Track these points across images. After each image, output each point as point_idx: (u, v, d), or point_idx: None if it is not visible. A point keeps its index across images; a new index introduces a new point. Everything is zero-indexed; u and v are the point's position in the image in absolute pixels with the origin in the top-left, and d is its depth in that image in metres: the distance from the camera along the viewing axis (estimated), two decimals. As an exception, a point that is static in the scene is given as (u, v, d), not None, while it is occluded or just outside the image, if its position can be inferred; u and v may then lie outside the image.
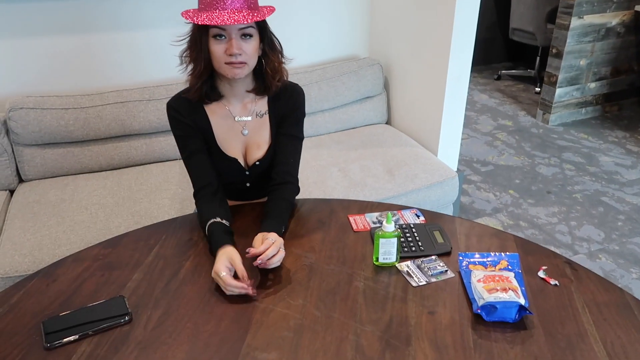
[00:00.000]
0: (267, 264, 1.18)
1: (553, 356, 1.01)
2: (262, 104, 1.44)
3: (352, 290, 1.19)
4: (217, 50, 1.26)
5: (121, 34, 2.33)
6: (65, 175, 2.26)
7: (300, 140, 1.48)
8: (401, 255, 1.28)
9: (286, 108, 1.44)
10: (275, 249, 1.18)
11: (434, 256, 1.29)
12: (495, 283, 1.12)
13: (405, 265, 1.26)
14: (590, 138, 3.86)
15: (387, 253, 1.25)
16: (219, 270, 1.16)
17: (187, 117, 1.37)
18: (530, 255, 1.30)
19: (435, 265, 1.26)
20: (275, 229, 1.28)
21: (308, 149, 2.46)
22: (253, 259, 1.18)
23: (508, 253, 1.28)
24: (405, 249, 1.31)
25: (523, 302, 1.08)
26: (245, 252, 1.20)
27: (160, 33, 2.38)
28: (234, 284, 1.14)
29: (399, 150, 2.45)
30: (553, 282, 1.21)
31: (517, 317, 1.08)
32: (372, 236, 1.35)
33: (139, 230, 1.42)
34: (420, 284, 1.21)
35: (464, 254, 1.28)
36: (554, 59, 3.89)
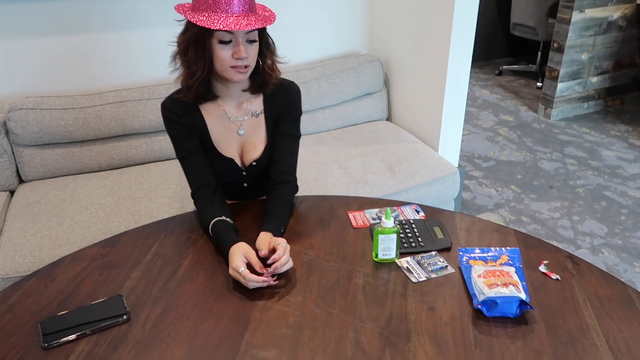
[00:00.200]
0: (278, 270, 1.17)
1: (554, 351, 1.00)
2: (258, 104, 1.43)
3: (352, 286, 1.18)
4: (224, 54, 1.25)
5: (120, 34, 2.33)
6: (65, 176, 2.26)
7: (297, 138, 1.47)
8: (401, 251, 1.28)
9: (282, 107, 1.43)
10: (288, 255, 1.18)
11: (434, 252, 1.28)
12: (495, 278, 1.11)
13: (405, 261, 1.25)
14: (593, 132, 3.84)
15: (387, 249, 1.24)
16: (237, 266, 1.15)
17: (182, 118, 1.36)
18: (531, 250, 1.29)
19: (435, 260, 1.25)
20: (276, 230, 1.28)
21: (308, 146, 2.45)
22: (264, 259, 1.19)
23: (509, 248, 1.27)
24: (405, 245, 1.30)
25: (524, 297, 1.07)
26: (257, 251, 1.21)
27: (159, 32, 2.38)
28: (254, 278, 1.14)
29: (400, 146, 2.44)
30: (554, 277, 1.20)
31: (518, 312, 1.07)
32: (372, 232, 1.34)
33: (138, 229, 1.41)
34: (420, 279, 1.20)
35: (464, 250, 1.27)
36: (556, 54, 3.86)
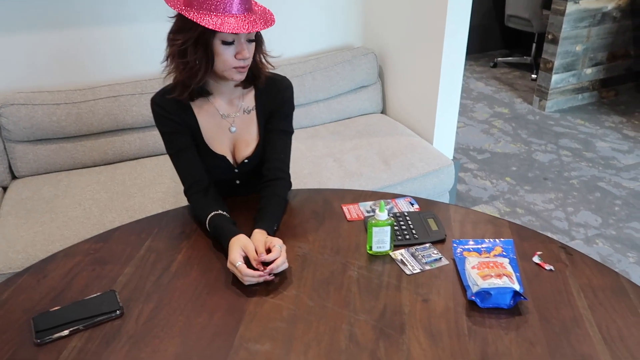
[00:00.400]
0: (274, 271, 1.16)
1: (548, 341, 1.01)
2: (250, 100, 1.42)
3: (346, 279, 1.18)
4: (228, 54, 1.24)
5: (111, 28, 2.31)
6: (58, 171, 2.25)
7: (290, 134, 1.46)
8: (395, 244, 1.27)
9: (274, 103, 1.42)
10: (284, 257, 1.17)
11: (428, 244, 1.28)
12: (489, 269, 1.11)
13: (399, 254, 1.25)
14: (587, 124, 3.84)
15: (381, 242, 1.24)
16: (234, 260, 1.15)
17: (174, 114, 1.34)
18: (525, 241, 1.29)
19: (429, 252, 1.25)
20: (269, 227, 1.28)
21: (303, 139, 2.44)
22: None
23: (502, 239, 1.27)
24: (399, 237, 1.30)
25: (517, 288, 1.07)
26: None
27: (150, 26, 2.36)
28: (250, 273, 1.13)
29: (395, 139, 2.44)
30: (548, 267, 1.20)
31: (512, 303, 1.08)
32: (366, 225, 1.33)
33: (131, 224, 1.41)
34: (414, 272, 1.20)
35: (458, 241, 1.27)
36: (550, 45, 3.86)
